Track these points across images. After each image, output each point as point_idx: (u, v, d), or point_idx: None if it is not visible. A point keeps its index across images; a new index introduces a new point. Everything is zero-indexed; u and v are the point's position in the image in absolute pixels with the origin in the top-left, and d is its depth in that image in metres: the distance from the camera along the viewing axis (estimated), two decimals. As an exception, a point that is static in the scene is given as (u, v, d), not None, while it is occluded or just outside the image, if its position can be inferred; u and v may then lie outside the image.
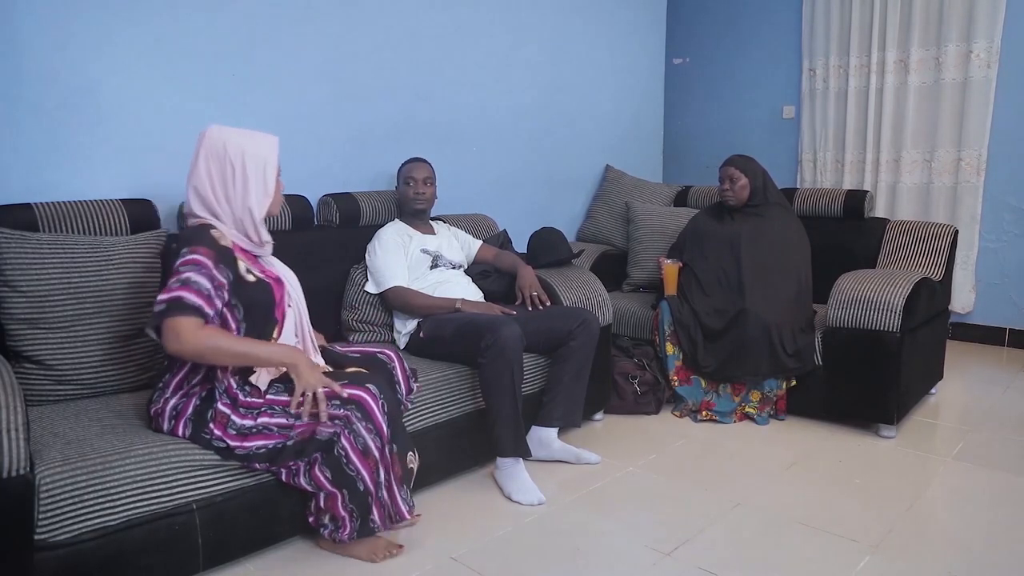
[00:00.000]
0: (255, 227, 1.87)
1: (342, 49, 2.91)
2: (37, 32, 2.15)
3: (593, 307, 2.73)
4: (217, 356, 1.69)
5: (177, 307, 1.64)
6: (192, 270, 1.67)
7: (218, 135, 1.85)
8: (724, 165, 3.01)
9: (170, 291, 1.65)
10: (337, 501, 1.82)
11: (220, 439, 1.73)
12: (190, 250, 1.70)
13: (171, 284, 1.67)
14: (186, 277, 1.66)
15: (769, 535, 2.02)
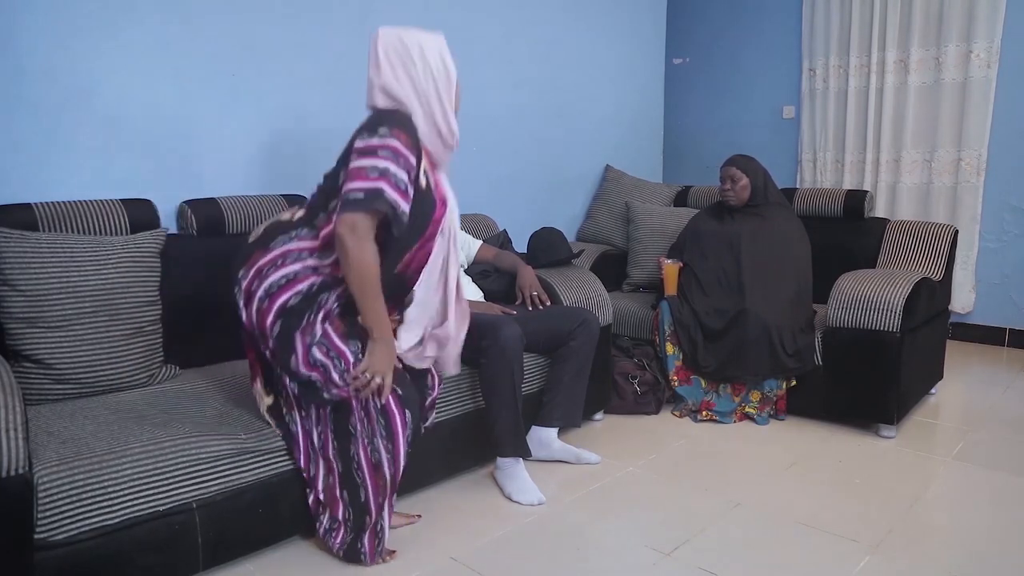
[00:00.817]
0: (447, 122, 1.80)
1: (342, 49, 2.90)
2: (37, 31, 2.15)
3: (593, 307, 2.73)
4: (356, 271, 1.62)
5: (373, 200, 1.58)
6: (390, 157, 1.60)
7: (391, 32, 1.81)
8: (725, 165, 3.01)
9: (369, 179, 1.59)
10: (338, 505, 1.81)
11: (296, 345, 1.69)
12: (392, 132, 1.62)
13: (366, 169, 1.59)
14: (384, 167, 1.59)
15: (769, 535, 2.01)
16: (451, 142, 1.85)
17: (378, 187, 1.59)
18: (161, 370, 2.14)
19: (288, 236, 1.77)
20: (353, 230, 1.61)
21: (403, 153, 1.63)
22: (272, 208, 2.57)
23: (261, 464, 1.82)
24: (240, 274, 1.78)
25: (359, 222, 1.61)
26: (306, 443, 1.84)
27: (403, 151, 1.63)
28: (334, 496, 1.83)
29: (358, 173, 1.61)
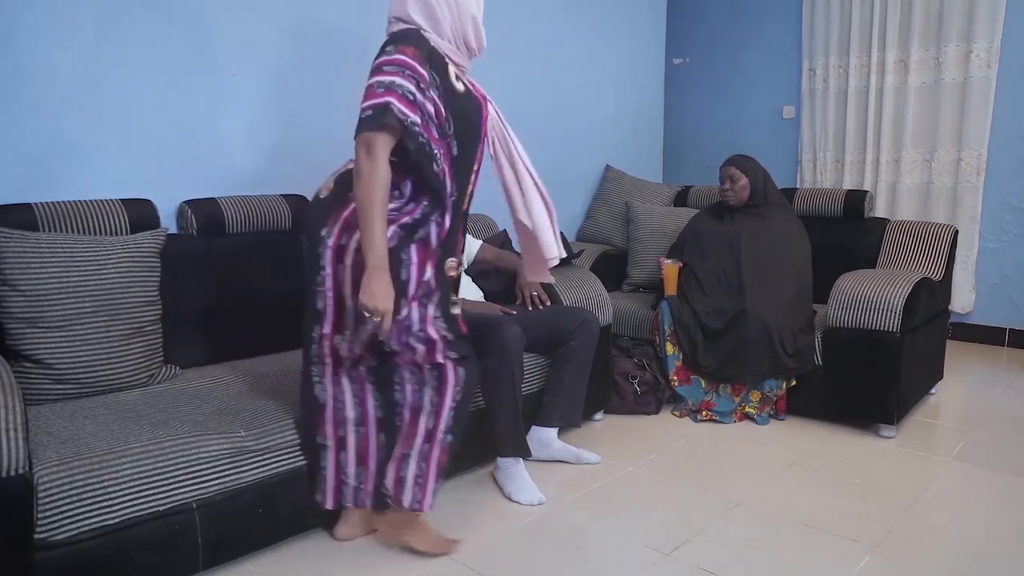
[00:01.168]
0: (477, 29, 1.77)
1: (342, 49, 2.90)
2: (37, 31, 2.15)
3: (593, 307, 2.73)
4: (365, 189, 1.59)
5: (381, 116, 1.56)
6: (395, 71, 1.58)
7: None
8: (724, 165, 3.01)
9: (376, 95, 1.57)
10: (369, 459, 1.82)
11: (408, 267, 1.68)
12: (396, 49, 1.61)
13: (373, 86, 1.58)
14: (390, 80, 1.57)
15: (769, 535, 2.01)
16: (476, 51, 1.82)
17: (385, 101, 1.58)
18: (161, 370, 2.14)
19: None
20: (366, 148, 1.60)
21: (409, 64, 1.60)
22: (272, 208, 2.57)
23: (261, 464, 1.82)
24: (323, 233, 1.72)
25: (372, 140, 1.59)
26: (332, 405, 1.81)
27: (410, 63, 1.61)
28: (365, 451, 1.80)
29: (367, 92, 1.60)
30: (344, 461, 1.86)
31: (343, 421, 1.85)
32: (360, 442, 1.85)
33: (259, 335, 2.45)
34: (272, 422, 1.87)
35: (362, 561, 1.90)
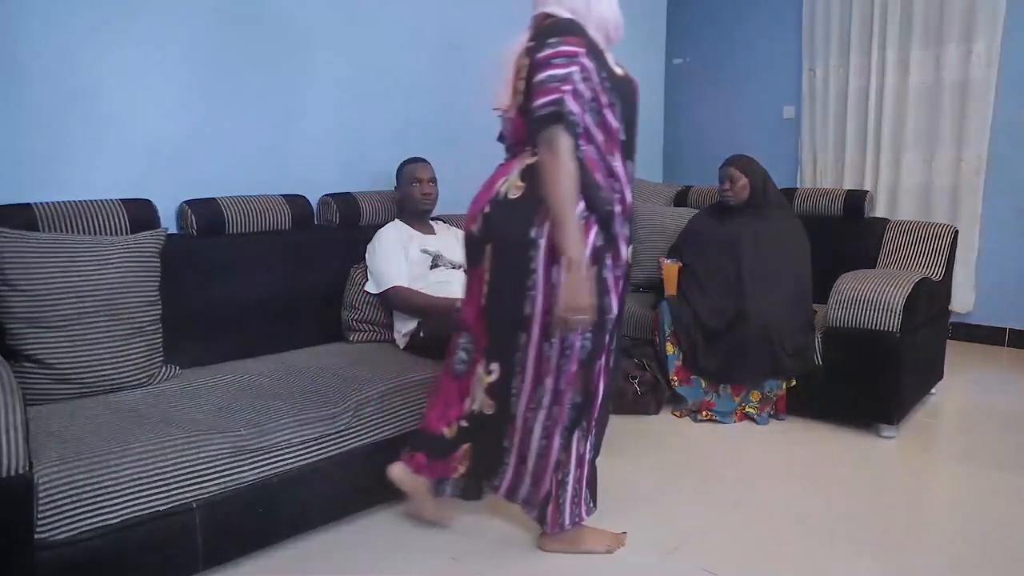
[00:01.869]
0: (617, 17, 1.75)
1: (342, 49, 2.91)
2: (37, 32, 2.15)
3: (593, 307, 2.73)
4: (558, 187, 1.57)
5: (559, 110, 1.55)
6: (564, 63, 1.56)
7: None
8: (724, 165, 3.01)
9: (550, 92, 1.55)
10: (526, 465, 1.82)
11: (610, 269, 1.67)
12: (562, 40, 1.58)
13: (546, 82, 1.56)
14: (564, 73, 1.56)
15: (769, 535, 2.01)
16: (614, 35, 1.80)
17: (562, 95, 1.57)
18: (161, 370, 2.14)
19: None
20: (548, 146, 1.58)
21: (576, 55, 1.59)
22: (272, 208, 2.57)
23: (261, 464, 1.82)
24: (533, 234, 1.66)
25: (554, 136, 1.58)
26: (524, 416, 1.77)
27: (576, 52, 1.59)
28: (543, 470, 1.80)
29: (540, 89, 1.58)
30: (523, 472, 1.83)
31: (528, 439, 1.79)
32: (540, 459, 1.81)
33: (259, 335, 2.45)
34: (272, 421, 1.87)
35: (362, 561, 1.90)
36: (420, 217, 2.73)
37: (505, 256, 1.69)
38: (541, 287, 1.65)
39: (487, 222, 1.72)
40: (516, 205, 1.67)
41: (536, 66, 1.60)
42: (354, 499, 2.06)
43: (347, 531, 2.03)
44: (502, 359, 1.75)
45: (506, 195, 1.69)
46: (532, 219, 1.64)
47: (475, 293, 1.78)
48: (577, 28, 1.64)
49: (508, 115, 1.76)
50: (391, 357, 2.37)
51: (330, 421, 1.96)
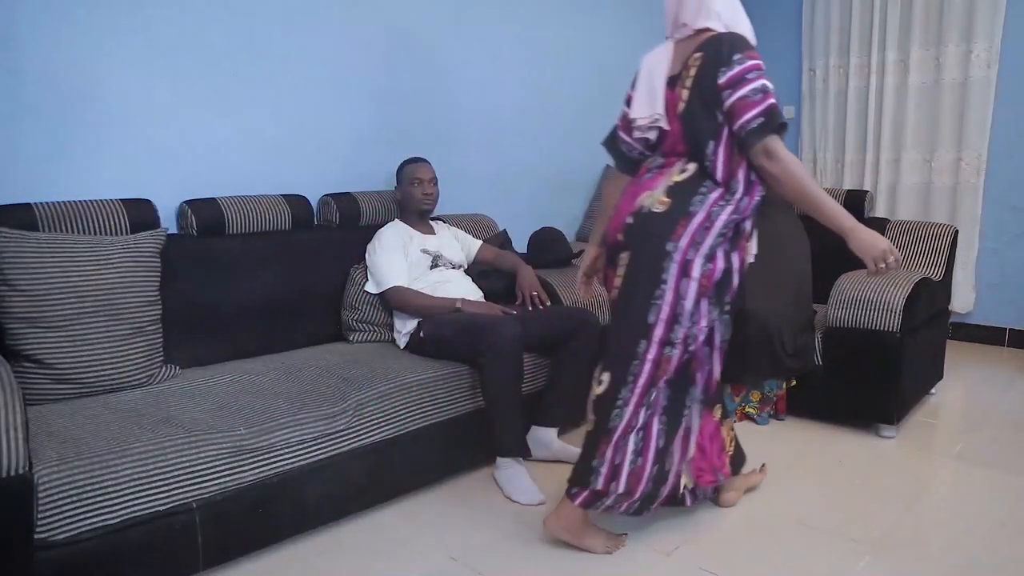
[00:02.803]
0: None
1: (342, 49, 2.90)
2: (37, 32, 2.15)
3: (593, 307, 2.73)
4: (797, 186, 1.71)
5: (773, 119, 1.66)
6: (759, 75, 1.68)
7: None
8: None
9: (757, 104, 1.66)
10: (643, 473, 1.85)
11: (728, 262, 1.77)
12: (745, 55, 1.70)
13: (748, 96, 1.66)
14: (762, 85, 1.68)
15: (769, 535, 2.01)
16: None
17: (769, 104, 1.68)
18: (161, 370, 2.14)
19: (702, 196, 1.76)
20: (769, 154, 1.68)
21: (762, 66, 1.72)
22: (272, 208, 2.57)
23: (261, 464, 1.82)
24: (669, 247, 1.72)
25: (769, 145, 1.68)
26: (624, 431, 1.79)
27: (761, 64, 1.72)
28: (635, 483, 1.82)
29: (744, 104, 1.67)
30: (614, 488, 1.82)
31: (623, 449, 1.81)
32: (633, 474, 1.82)
33: (259, 335, 2.45)
34: (271, 421, 1.87)
35: (362, 561, 1.90)
36: (420, 217, 2.73)
37: (639, 264, 1.76)
38: (669, 299, 1.73)
39: (628, 232, 1.79)
40: (657, 218, 1.75)
41: (731, 84, 1.69)
42: (354, 499, 2.06)
43: (347, 531, 2.03)
44: (615, 369, 1.79)
45: (649, 209, 1.77)
46: (670, 233, 1.72)
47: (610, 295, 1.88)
48: (750, 42, 1.77)
49: (656, 124, 1.84)
50: (391, 357, 2.37)
51: (330, 421, 1.97)
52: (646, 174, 1.86)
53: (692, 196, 1.74)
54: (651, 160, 1.90)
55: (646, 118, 1.85)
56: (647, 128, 1.86)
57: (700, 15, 1.82)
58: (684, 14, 1.85)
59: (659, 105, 1.82)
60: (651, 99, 1.83)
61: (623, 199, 1.85)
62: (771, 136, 1.68)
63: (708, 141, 1.75)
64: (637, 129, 1.89)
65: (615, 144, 2.00)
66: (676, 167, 1.80)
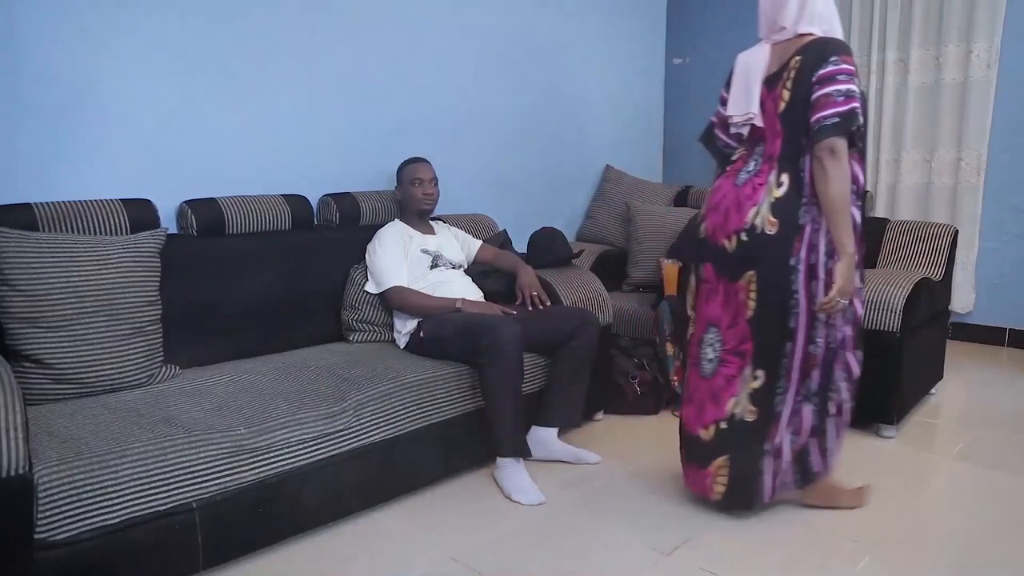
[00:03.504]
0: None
1: (342, 49, 2.91)
2: (37, 32, 2.15)
3: (593, 307, 2.73)
4: (838, 189, 1.78)
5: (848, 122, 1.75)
6: (847, 79, 1.77)
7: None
8: None
9: (838, 104, 1.75)
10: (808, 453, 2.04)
11: None
12: (840, 58, 1.79)
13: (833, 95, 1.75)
14: (847, 89, 1.76)
15: (769, 535, 2.01)
16: None
17: (851, 107, 1.76)
18: (161, 370, 2.14)
19: (804, 206, 1.87)
20: (833, 153, 1.76)
21: (855, 72, 1.81)
22: (272, 208, 2.57)
23: (261, 464, 1.82)
24: (792, 262, 1.87)
25: (837, 144, 1.76)
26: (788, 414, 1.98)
27: (854, 71, 1.80)
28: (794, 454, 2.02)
29: (826, 101, 1.77)
30: (778, 468, 2.02)
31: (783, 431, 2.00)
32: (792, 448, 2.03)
33: (259, 335, 2.45)
34: (271, 421, 1.87)
35: (362, 561, 1.90)
36: (420, 217, 2.73)
37: (770, 283, 1.92)
38: (803, 304, 1.90)
39: (747, 249, 1.92)
40: (776, 240, 1.88)
41: (820, 81, 1.80)
42: (354, 499, 2.06)
43: (347, 531, 2.03)
44: (768, 367, 1.96)
45: (763, 230, 1.89)
46: (790, 250, 1.88)
47: (733, 301, 1.98)
48: (849, 48, 1.86)
49: (751, 121, 1.97)
50: (391, 357, 2.37)
51: (330, 421, 1.97)
52: (742, 173, 1.98)
53: (797, 210, 1.87)
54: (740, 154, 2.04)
55: (741, 116, 1.98)
56: (742, 124, 2.00)
57: (801, 20, 1.92)
58: (783, 18, 1.96)
59: (754, 104, 1.95)
60: (747, 97, 1.96)
61: (726, 199, 1.97)
62: (841, 137, 1.77)
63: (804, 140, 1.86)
64: (733, 126, 2.03)
65: (711, 140, 2.15)
66: (771, 180, 1.91)
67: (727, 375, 2.00)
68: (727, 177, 2.01)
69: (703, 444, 2.05)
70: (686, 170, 4.67)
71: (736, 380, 1.99)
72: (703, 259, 2.04)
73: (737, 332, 1.97)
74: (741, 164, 2.00)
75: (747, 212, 1.90)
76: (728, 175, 2.01)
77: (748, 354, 1.96)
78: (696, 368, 2.07)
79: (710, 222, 2.00)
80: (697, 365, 2.07)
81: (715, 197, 2.00)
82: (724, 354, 2.00)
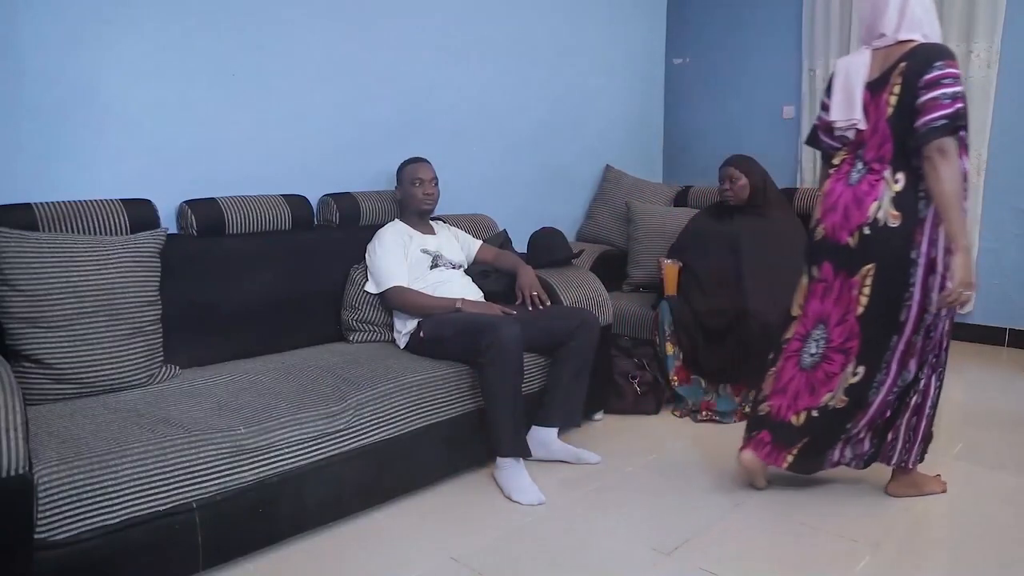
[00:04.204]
0: None
1: (342, 49, 2.91)
2: (37, 32, 2.15)
3: (593, 307, 2.73)
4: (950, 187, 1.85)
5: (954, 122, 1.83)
6: (953, 83, 1.85)
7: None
8: (724, 165, 3.01)
9: (945, 106, 1.83)
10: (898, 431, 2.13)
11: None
12: (946, 63, 1.87)
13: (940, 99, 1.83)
14: (954, 92, 1.84)
15: (769, 535, 2.01)
16: None
17: (957, 109, 1.84)
18: (161, 370, 2.14)
19: (924, 200, 1.94)
20: (943, 152, 1.84)
21: (959, 75, 1.88)
22: (272, 208, 2.57)
23: (261, 464, 1.82)
24: (913, 255, 1.95)
25: (946, 144, 1.84)
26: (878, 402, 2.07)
27: (959, 74, 1.88)
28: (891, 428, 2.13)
29: (933, 105, 1.85)
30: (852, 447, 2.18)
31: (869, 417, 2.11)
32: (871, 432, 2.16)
33: (259, 335, 2.45)
34: (271, 421, 1.87)
35: (362, 561, 1.90)
36: (421, 217, 2.73)
37: (888, 275, 1.98)
38: (917, 298, 1.97)
39: (869, 243, 1.99)
40: (897, 232, 1.95)
41: (927, 85, 1.87)
42: (354, 499, 2.06)
43: (347, 531, 2.03)
44: (870, 362, 2.05)
45: (885, 223, 1.96)
46: (910, 242, 1.94)
47: (845, 298, 2.06)
48: (952, 53, 1.92)
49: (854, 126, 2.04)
50: (391, 357, 2.37)
51: (330, 421, 1.97)
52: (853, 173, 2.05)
53: (917, 203, 1.94)
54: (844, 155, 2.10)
55: (844, 121, 2.05)
56: (845, 129, 2.07)
57: (902, 27, 1.98)
58: (883, 25, 2.01)
59: (857, 109, 2.02)
60: (849, 103, 2.03)
61: (842, 198, 2.04)
62: (950, 137, 1.85)
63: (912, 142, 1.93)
64: (837, 130, 2.09)
65: (817, 144, 2.21)
66: (886, 175, 1.98)
67: (828, 371, 2.09)
68: (837, 180, 2.07)
69: (793, 429, 2.14)
70: (686, 170, 4.67)
71: (836, 378, 2.08)
72: (820, 259, 2.11)
73: (844, 329, 2.06)
74: (848, 167, 2.06)
75: (868, 207, 1.97)
76: (838, 178, 2.08)
77: (852, 351, 2.05)
78: (794, 359, 2.17)
79: (828, 222, 2.06)
80: (796, 357, 2.17)
81: (830, 199, 2.07)
82: (828, 351, 2.09)
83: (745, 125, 4.55)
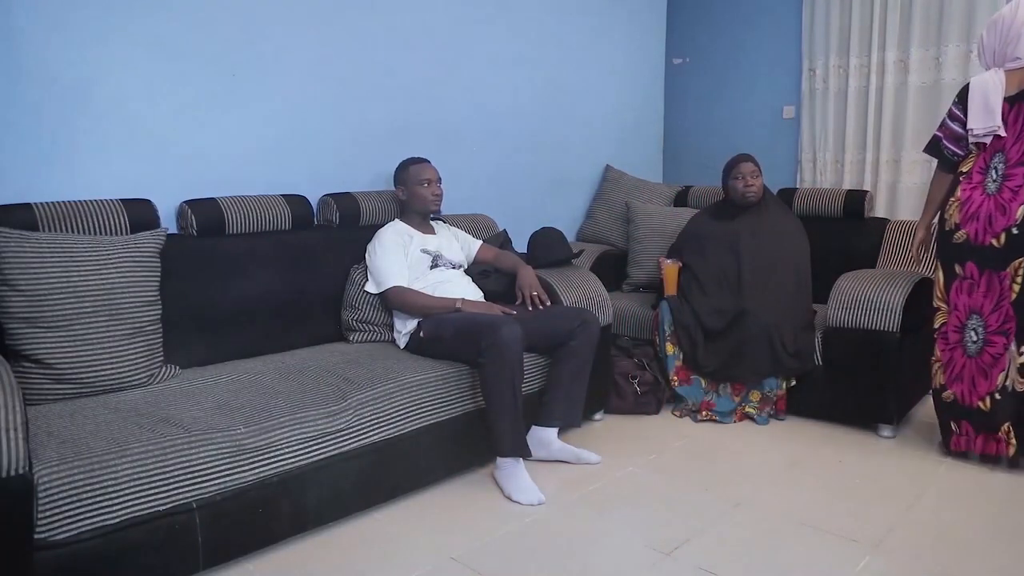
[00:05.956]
0: None
1: (342, 49, 2.90)
2: (36, 31, 2.15)
3: (593, 307, 2.73)
4: None
5: None
6: None
7: None
8: (741, 162, 3.01)
9: None
10: None
11: None
12: None
13: None
14: None
15: (769, 535, 2.01)
16: None
17: None
18: (161, 370, 2.14)
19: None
20: None
21: None
22: (272, 208, 2.57)
23: (261, 464, 1.82)
24: None
25: None
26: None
27: None
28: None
29: None
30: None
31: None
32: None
33: (259, 335, 2.45)
34: (271, 420, 1.87)
35: (362, 561, 1.90)
36: (424, 217, 2.73)
37: None
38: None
39: (1017, 241, 2.25)
40: None
41: None
42: (354, 499, 2.06)
43: (347, 531, 2.04)
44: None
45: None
46: None
47: (996, 288, 2.32)
48: None
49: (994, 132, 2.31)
50: (391, 357, 2.37)
51: (330, 421, 1.97)
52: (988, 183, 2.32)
53: None
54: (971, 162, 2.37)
55: (983, 128, 2.32)
56: (984, 135, 2.33)
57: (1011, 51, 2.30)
58: (1018, 51, 2.30)
59: (997, 118, 2.30)
60: (989, 114, 2.31)
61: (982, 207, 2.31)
62: None
63: None
64: (973, 136, 2.35)
65: (939, 151, 2.45)
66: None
67: (993, 354, 2.33)
68: (972, 189, 2.33)
69: (986, 414, 2.36)
70: (686, 170, 4.67)
71: (1003, 357, 2.32)
72: (964, 259, 2.36)
73: (1000, 315, 2.31)
74: (981, 176, 2.33)
75: (1015, 211, 2.24)
76: (972, 187, 2.34)
77: (1011, 332, 2.30)
78: (959, 349, 2.41)
79: (970, 228, 2.32)
80: (960, 347, 2.41)
81: (969, 209, 2.33)
82: (988, 335, 2.34)
83: (745, 125, 4.54)
